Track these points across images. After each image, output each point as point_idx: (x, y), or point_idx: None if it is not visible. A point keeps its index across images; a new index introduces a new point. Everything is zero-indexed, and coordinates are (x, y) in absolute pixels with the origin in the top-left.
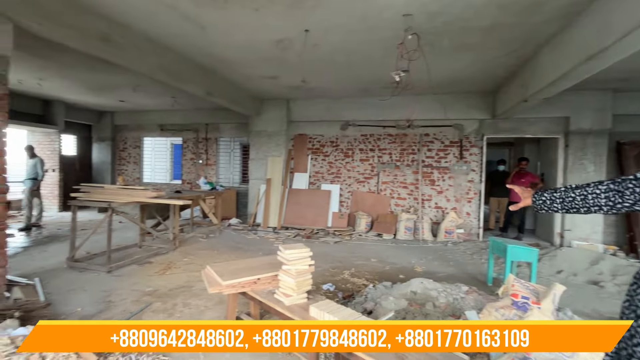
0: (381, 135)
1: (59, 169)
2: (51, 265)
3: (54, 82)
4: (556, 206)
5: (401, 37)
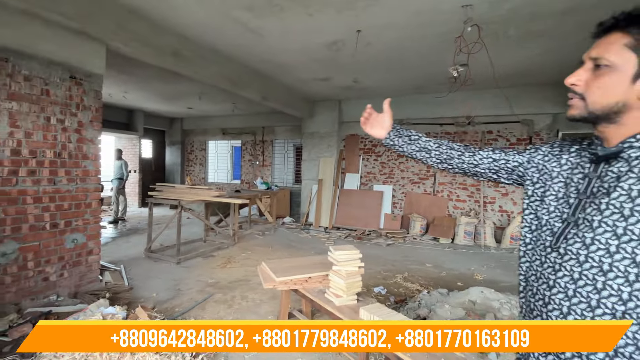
0: (438, 133)
1: (139, 170)
2: (133, 254)
3: (135, 94)
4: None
5: (460, 30)
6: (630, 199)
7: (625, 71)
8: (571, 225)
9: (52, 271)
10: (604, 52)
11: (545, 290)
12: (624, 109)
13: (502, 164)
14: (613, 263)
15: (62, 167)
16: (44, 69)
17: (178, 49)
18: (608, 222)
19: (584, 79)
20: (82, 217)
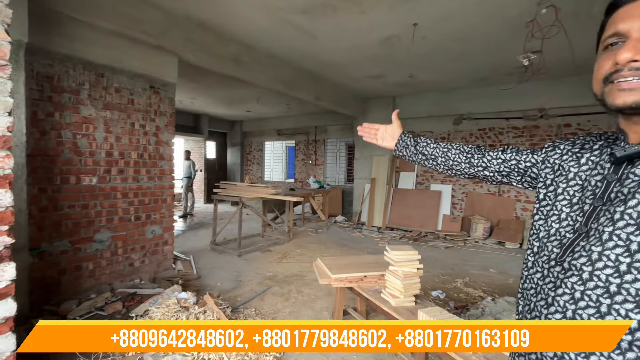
0: (504, 128)
1: (204, 169)
2: (200, 247)
3: (201, 100)
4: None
5: (532, 13)
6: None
7: None
8: (582, 236)
9: (136, 258)
10: None
11: (542, 308)
12: None
13: (512, 165)
14: (622, 284)
15: (144, 166)
16: (129, 81)
17: (238, 55)
18: (621, 235)
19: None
20: (159, 211)
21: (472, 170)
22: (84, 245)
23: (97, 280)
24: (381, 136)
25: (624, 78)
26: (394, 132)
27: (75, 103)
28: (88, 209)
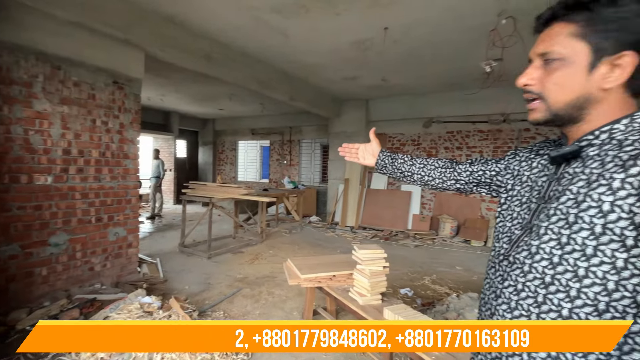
0: (470, 131)
1: (174, 169)
2: (167, 249)
3: (171, 97)
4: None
5: (494, 23)
6: (577, 203)
7: (578, 62)
8: (527, 232)
9: (97, 261)
10: (551, 45)
11: (492, 300)
12: (587, 103)
13: (479, 176)
14: (555, 275)
15: (106, 165)
16: (90, 75)
17: (210, 52)
18: (554, 229)
19: (537, 78)
20: (123, 212)
21: (445, 185)
22: (37, 249)
23: (52, 287)
24: (362, 155)
25: (526, 99)
26: (374, 149)
27: (27, 96)
28: (42, 210)
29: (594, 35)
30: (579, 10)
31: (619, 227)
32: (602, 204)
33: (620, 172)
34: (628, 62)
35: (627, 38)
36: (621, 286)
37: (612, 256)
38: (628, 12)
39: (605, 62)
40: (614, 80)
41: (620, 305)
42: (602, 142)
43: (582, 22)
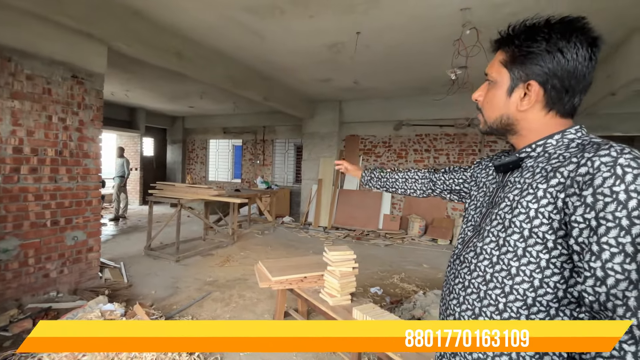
0: (438, 135)
1: (140, 168)
2: (133, 252)
3: (138, 93)
4: (379, 184)
5: (459, 33)
6: (511, 209)
7: (502, 86)
8: (476, 234)
9: (53, 268)
10: (490, 68)
11: (447, 296)
12: (510, 121)
13: (450, 183)
14: (494, 274)
15: (63, 165)
16: (46, 68)
17: (181, 49)
18: (494, 232)
19: (481, 94)
20: (83, 214)
21: (425, 195)
22: None
23: (1, 296)
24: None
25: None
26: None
27: None
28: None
29: (513, 65)
30: (509, 41)
31: (541, 232)
32: (529, 211)
33: (544, 183)
34: (534, 90)
35: (535, 70)
36: (545, 283)
37: (537, 257)
38: (536, 49)
39: (520, 88)
40: (527, 104)
41: (545, 300)
42: (537, 154)
43: (509, 53)
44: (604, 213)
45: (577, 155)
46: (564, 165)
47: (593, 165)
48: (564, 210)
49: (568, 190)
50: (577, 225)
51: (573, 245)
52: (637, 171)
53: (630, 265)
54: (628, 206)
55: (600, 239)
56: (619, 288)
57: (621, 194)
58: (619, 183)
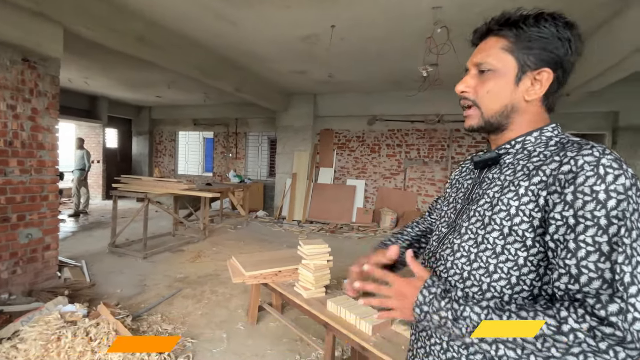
0: (409, 130)
1: (103, 161)
2: (95, 249)
3: (99, 80)
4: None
5: (431, 31)
6: (491, 206)
7: (507, 74)
8: (451, 231)
9: (3, 268)
10: (485, 57)
11: None
12: (513, 112)
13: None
14: (471, 271)
15: (14, 156)
16: None
17: (146, 35)
18: (472, 229)
19: (472, 86)
20: (38, 210)
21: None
22: None
23: None
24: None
25: (462, 106)
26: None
27: None
28: None
29: (520, 51)
30: (509, 27)
31: (521, 229)
32: (510, 208)
33: (526, 180)
34: (545, 77)
35: (546, 56)
36: (522, 281)
37: (515, 254)
38: (547, 34)
39: (528, 76)
40: (535, 93)
41: (521, 297)
42: (516, 151)
43: (512, 38)
44: (583, 211)
45: (559, 154)
46: (546, 163)
47: (576, 164)
48: (545, 208)
49: (550, 188)
50: (555, 222)
51: (549, 242)
52: (618, 172)
53: (605, 264)
54: (607, 206)
55: (577, 237)
56: (592, 286)
57: (601, 193)
58: (600, 183)
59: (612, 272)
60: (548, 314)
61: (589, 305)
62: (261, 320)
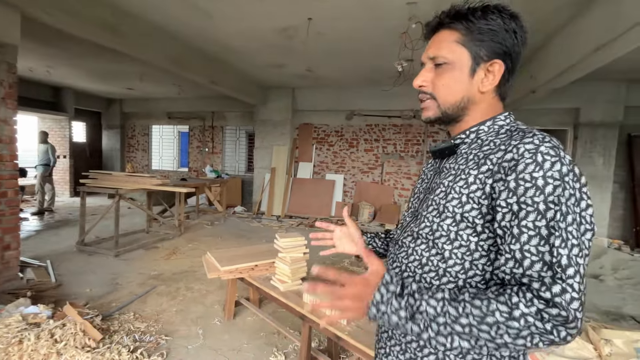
0: (386, 125)
1: (70, 156)
2: (62, 249)
3: (64, 70)
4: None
5: (406, 26)
6: (445, 195)
7: (462, 66)
8: (413, 219)
9: None
10: (439, 50)
11: None
12: (469, 104)
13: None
14: (429, 257)
15: None
16: None
17: (115, 23)
18: (429, 217)
19: (429, 79)
20: None
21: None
22: None
23: None
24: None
25: (420, 99)
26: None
27: None
28: None
29: (473, 44)
30: (460, 20)
31: (472, 216)
32: (461, 196)
33: (475, 169)
34: (497, 69)
35: (497, 48)
36: (474, 265)
37: (467, 240)
38: (495, 26)
39: (482, 67)
40: (489, 84)
41: (474, 282)
42: (471, 140)
43: (463, 31)
44: (524, 198)
45: (505, 143)
46: (494, 152)
47: (518, 151)
48: (492, 196)
49: (495, 176)
50: (501, 210)
51: (497, 229)
52: (554, 159)
53: (544, 247)
54: (545, 191)
55: (520, 222)
56: (534, 269)
57: (539, 179)
58: (538, 169)
59: (551, 255)
60: (500, 300)
61: (535, 289)
62: (238, 315)
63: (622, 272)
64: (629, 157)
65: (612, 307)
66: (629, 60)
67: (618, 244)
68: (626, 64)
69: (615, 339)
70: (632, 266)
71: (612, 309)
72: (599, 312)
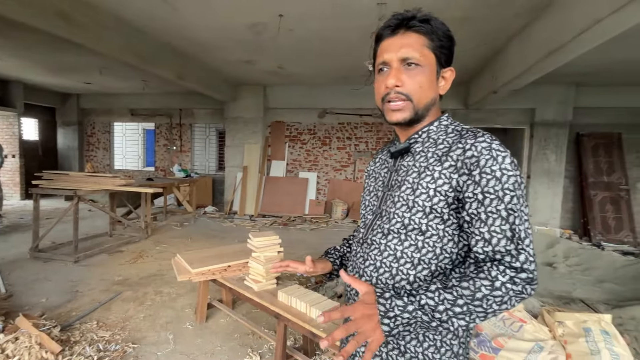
0: (358, 123)
1: (20, 155)
2: (13, 256)
3: (10, 62)
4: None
5: (375, 26)
6: (413, 191)
7: (432, 70)
8: (377, 217)
9: None
10: (413, 52)
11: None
12: (432, 105)
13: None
14: (404, 250)
15: None
16: None
17: (70, 12)
18: (399, 213)
19: (403, 80)
20: None
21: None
22: None
23: None
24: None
25: (393, 100)
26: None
27: None
28: None
29: (437, 49)
30: (424, 25)
31: (439, 207)
32: (429, 190)
33: (439, 166)
34: (449, 75)
35: (449, 54)
36: (444, 250)
37: (436, 229)
38: (449, 34)
39: (441, 72)
40: (444, 89)
41: (444, 265)
42: (423, 140)
43: (429, 37)
44: (488, 188)
45: (460, 141)
46: (452, 150)
47: (477, 149)
48: (457, 188)
49: (460, 171)
50: (469, 200)
51: (465, 216)
52: (504, 154)
53: (506, 226)
54: (502, 180)
55: (486, 208)
56: (501, 245)
57: (497, 171)
58: (495, 163)
59: (512, 232)
60: (481, 277)
61: (507, 261)
62: (211, 318)
63: (572, 259)
64: (578, 154)
65: (564, 291)
66: (576, 65)
67: (569, 233)
68: (574, 68)
69: (566, 320)
70: (581, 254)
71: (564, 293)
72: (552, 297)
